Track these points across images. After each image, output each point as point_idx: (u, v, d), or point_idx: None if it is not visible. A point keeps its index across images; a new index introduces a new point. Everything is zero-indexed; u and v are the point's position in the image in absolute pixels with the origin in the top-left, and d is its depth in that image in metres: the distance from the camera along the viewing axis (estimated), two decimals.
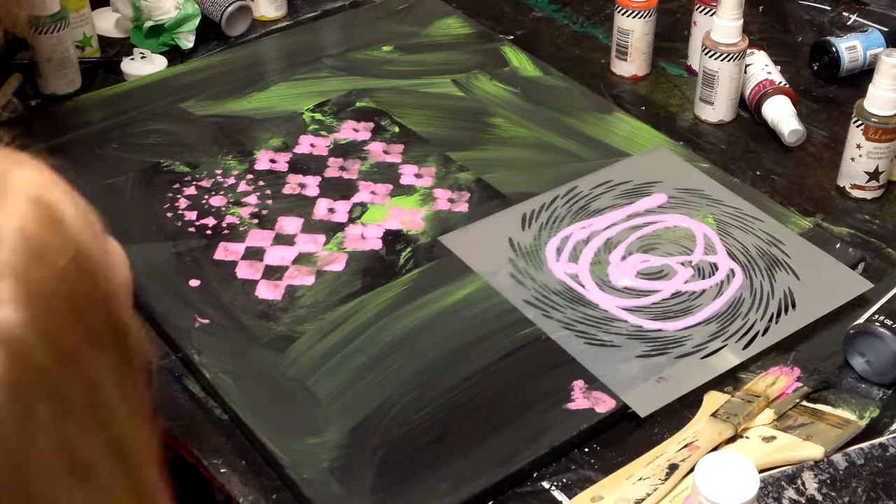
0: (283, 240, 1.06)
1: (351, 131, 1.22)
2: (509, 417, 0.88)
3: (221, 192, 1.12)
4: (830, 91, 1.32)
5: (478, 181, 1.14)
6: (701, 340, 0.95)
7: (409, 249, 1.05)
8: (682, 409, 0.90)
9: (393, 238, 1.07)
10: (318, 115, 1.24)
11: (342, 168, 1.16)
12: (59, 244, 0.48)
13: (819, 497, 0.83)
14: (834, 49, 1.31)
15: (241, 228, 1.07)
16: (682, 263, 1.04)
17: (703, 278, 1.02)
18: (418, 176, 1.15)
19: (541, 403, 0.89)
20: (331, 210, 1.10)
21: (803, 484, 0.84)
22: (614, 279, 1.02)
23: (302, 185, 1.13)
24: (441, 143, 1.20)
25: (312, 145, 1.19)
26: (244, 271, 1.02)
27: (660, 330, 0.96)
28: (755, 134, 1.25)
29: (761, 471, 0.83)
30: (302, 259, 1.04)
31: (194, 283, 1.01)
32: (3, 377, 0.42)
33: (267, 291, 1.00)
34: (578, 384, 0.91)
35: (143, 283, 1.00)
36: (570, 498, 0.83)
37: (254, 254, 1.04)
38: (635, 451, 0.86)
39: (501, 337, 0.96)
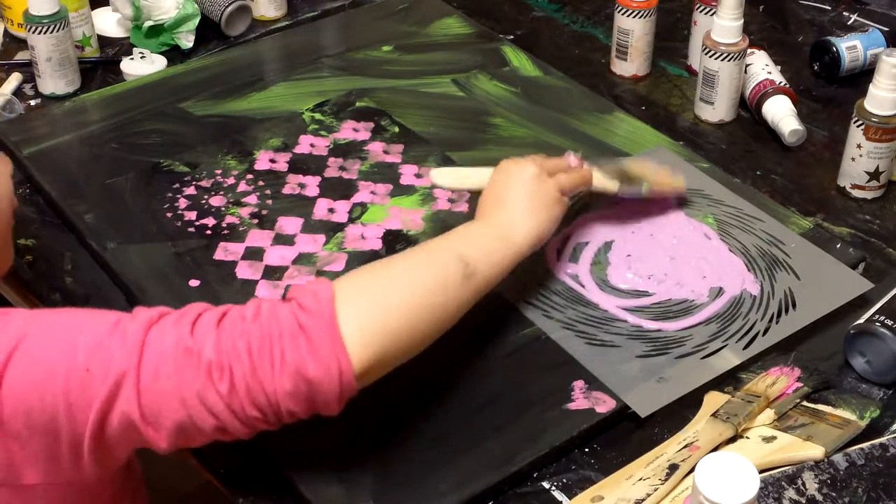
0: (283, 240, 1.06)
1: (351, 131, 1.22)
2: (509, 417, 0.88)
3: (221, 192, 1.12)
4: (831, 91, 1.32)
5: None
6: (701, 340, 0.95)
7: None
8: (682, 410, 0.90)
9: (393, 238, 1.07)
10: (317, 115, 1.24)
11: (342, 168, 1.16)
12: None
13: (819, 497, 0.83)
14: (834, 49, 1.31)
15: (240, 228, 1.07)
16: None
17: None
18: (418, 176, 1.15)
19: (541, 403, 0.89)
20: (331, 210, 1.10)
21: (804, 484, 0.83)
22: (614, 279, 1.02)
23: (302, 185, 1.13)
24: (441, 143, 1.20)
25: (312, 145, 1.19)
26: (244, 271, 1.02)
27: (660, 330, 0.96)
28: (755, 134, 1.25)
29: (762, 471, 0.83)
30: (302, 259, 1.04)
31: (194, 283, 1.01)
32: None
33: (267, 291, 1.00)
34: (578, 384, 0.91)
35: (143, 283, 1.00)
36: (570, 498, 0.83)
37: (254, 254, 1.04)
38: (635, 452, 0.86)
39: (501, 337, 0.96)
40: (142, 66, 1.32)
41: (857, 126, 1.11)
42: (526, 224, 0.91)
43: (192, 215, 1.09)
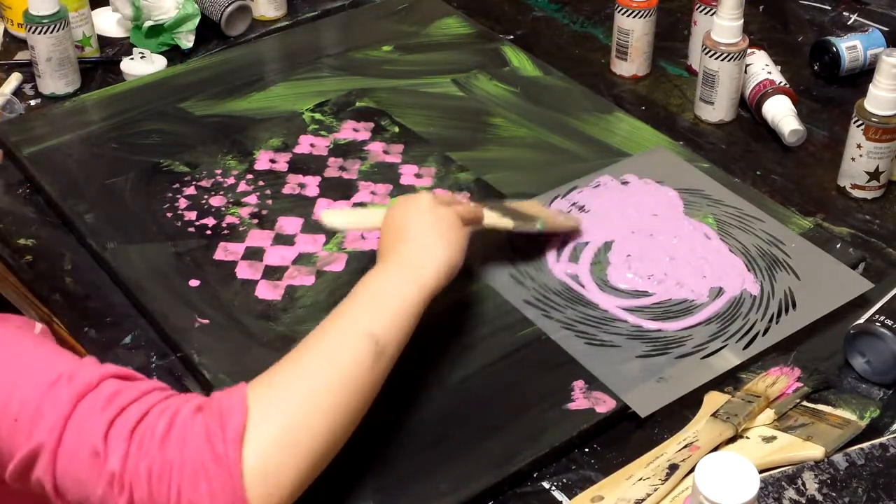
0: (283, 240, 1.06)
1: (351, 131, 1.22)
2: (509, 417, 0.88)
3: (221, 192, 1.12)
4: (831, 91, 1.32)
5: (478, 181, 1.14)
6: (701, 340, 0.95)
7: None
8: (682, 410, 0.90)
9: None
10: (318, 115, 1.24)
11: (342, 168, 1.16)
12: None
13: (819, 497, 0.83)
14: (834, 49, 1.31)
15: (240, 228, 1.07)
16: None
17: None
18: (418, 176, 1.15)
19: (541, 403, 0.89)
20: None
21: (804, 484, 0.83)
22: (614, 279, 1.02)
23: (302, 185, 1.13)
24: (441, 143, 1.20)
25: (312, 145, 1.19)
26: (244, 271, 1.02)
27: (660, 330, 0.96)
28: (755, 134, 1.25)
29: (762, 471, 0.83)
30: (302, 259, 1.04)
31: (194, 283, 1.01)
32: None
33: (267, 291, 1.00)
34: (578, 384, 0.91)
35: (143, 283, 1.00)
36: (570, 498, 0.83)
37: (254, 254, 1.04)
38: (635, 452, 0.86)
39: (501, 337, 0.96)
40: (142, 66, 1.32)
41: (857, 126, 1.11)
42: (433, 253, 0.87)
43: (192, 215, 1.09)
